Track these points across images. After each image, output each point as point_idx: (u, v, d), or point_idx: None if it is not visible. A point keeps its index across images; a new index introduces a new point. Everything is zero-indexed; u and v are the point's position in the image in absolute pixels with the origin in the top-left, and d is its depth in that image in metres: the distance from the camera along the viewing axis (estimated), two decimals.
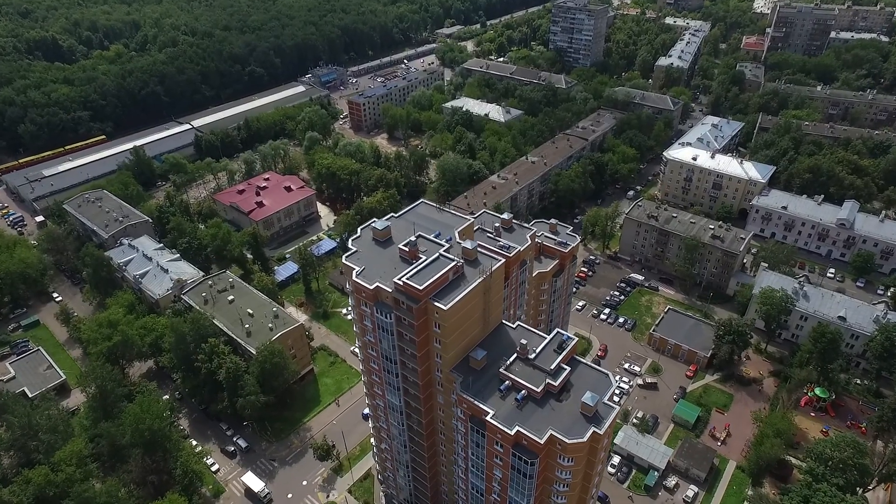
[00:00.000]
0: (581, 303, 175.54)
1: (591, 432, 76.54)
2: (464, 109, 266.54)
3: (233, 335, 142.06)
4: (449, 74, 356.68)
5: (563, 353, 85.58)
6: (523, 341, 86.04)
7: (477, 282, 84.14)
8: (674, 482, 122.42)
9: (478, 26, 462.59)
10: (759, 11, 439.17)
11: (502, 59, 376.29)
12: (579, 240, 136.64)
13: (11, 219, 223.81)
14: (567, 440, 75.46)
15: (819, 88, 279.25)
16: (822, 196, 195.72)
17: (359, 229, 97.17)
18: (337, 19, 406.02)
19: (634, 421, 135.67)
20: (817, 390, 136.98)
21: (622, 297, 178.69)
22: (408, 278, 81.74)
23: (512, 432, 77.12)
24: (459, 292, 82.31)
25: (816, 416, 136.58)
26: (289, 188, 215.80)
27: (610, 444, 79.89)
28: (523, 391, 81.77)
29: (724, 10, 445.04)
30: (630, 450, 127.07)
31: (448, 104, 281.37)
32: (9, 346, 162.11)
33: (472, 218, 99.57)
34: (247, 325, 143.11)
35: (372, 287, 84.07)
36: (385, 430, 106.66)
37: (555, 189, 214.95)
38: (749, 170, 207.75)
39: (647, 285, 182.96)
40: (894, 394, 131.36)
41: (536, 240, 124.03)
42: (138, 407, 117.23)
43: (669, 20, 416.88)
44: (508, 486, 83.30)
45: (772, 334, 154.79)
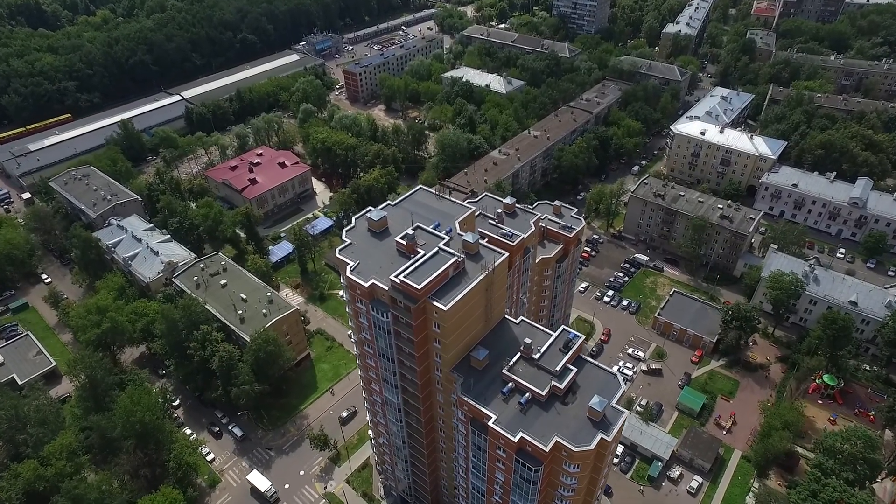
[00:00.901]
0: (584, 284, 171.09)
1: (598, 439, 72.78)
2: (464, 80, 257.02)
3: (226, 321, 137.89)
4: (448, 42, 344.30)
5: (570, 352, 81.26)
6: (527, 340, 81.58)
7: (479, 279, 79.11)
8: (678, 472, 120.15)
9: None
10: None
11: (503, 26, 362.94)
12: (584, 223, 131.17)
13: None
14: (574, 448, 71.76)
15: (832, 58, 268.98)
16: (835, 173, 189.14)
17: (353, 219, 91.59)
18: None
19: (638, 409, 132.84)
20: (825, 377, 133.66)
21: (626, 278, 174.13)
22: (405, 276, 76.69)
23: (515, 439, 73.36)
24: (460, 290, 77.38)
25: (824, 403, 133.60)
26: (283, 164, 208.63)
27: (617, 446, 76.40)
28: (527, 394, 77.75)
29: None
30: (633, 439, 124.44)
31: (447, 74, 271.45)
32: None
33: (472, 207, 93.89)
34: (240, 311, 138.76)
35: (367, 285, 79.09)
36: (383, 426, 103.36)
37: (558, 165, 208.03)
38: (759, 145, 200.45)
39: (651, 266, 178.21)
40: None
41: (540, 224, 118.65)
42: (128, 399, 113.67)
43: None
44: (511, 489, 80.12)
45: (780, 318, 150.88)
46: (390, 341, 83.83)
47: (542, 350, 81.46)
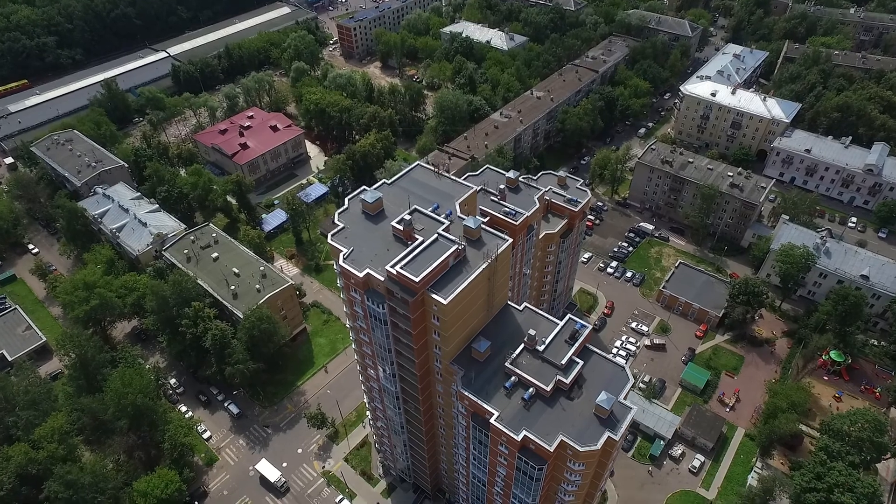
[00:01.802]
0: (587, 254, 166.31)
1: (605, 438, 69.63)
2: (463, 35, 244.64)
3: (218, 297, 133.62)
4: None
5: (576, 344, 77.21)
6: (532, 332, 77.29)
7: (481, 268, 74.13)
8: (680, 451, 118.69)
9: None
10: None
11: None
12: (589, 195, 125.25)
13: None
14: (579, 448, 68.60)
15: (852, 11, 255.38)
16: (850, 138, 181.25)
17: (346, 200, 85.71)
18: None
19: (641, 385, 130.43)
20: (832, 353, 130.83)
21: (630, 248, 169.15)
22: (402, 266, 71.64)
23: (519, 437, 70.18)
24: (461, 281, 72.53)
25: (829, 379, 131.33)
26: (275, 127, 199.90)
27: (623, 440, 73.50)
28: (531, 389, 74.14)
29: None
30: (636, 418, 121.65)
31: (447, 29, 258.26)
32: None
33: (473, 186, 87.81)
34: (233, 287, 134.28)
35: (362, 275, 74.08)
36: (380, 411, 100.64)
37: (561, 128, 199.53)
38: (772, 108, 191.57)
39: (657, 235, 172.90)
40: None
41: (544, 198, 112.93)
42: (119, 381, 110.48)
43: None
44: (513, 483, 77.66)
45: (788, 292, 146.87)
46: (387, 332, 79.60)
47: (547, 341, 77.44)
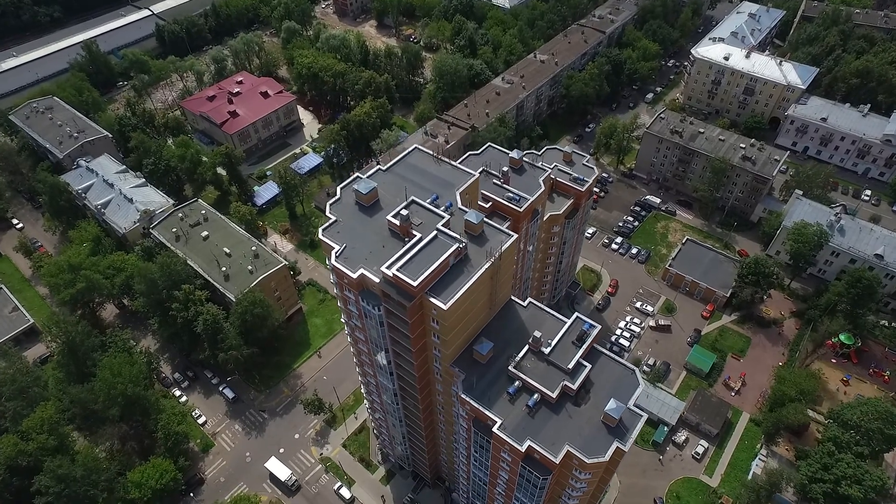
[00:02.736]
0: (591, 229, 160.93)
1: (614, 448, 66.13)
2: None
3: (209, 279, 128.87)
4: None
5: (584, 346, 72.87)
6: (537, 333, 72.78)
7: (483, 268, 68.90)
8: (684, 437, 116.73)
9: None
10: None
11: None
12: (596, 172, 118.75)
13: None
14: (587, 459, 65.16)
15: None
16: (869, 105, 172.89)
17: (338, 189, 79.64)
18: None
19: (645, 369, 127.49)
20: (842, 336, 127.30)
21: (636, 222, 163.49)
22: (399, 269, 66.34)
23: (523, 448, 66.67)
24: (462, 283, 67.43)
25: (838, 362, 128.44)
26: (266, 94, 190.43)
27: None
28: (536, 395, 70.20)
29: None
30: (639, 403, 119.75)
31: None
32: None
33: (475, 174, 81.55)
34: (224, 268, 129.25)
35: (355, 275, 68.85)
36: (378, 404, 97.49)
37: (566, 94, 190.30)
38: (788, 73, 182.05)
39: (663, 209, 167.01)
40: None
41: (550, 177, 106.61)
42: (109, 371, 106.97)
43: None
44: (515, 488, 74.90)
45: (798, 271, 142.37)
46: (383, 333, 75.14)
47: (553, 343, 73.02)
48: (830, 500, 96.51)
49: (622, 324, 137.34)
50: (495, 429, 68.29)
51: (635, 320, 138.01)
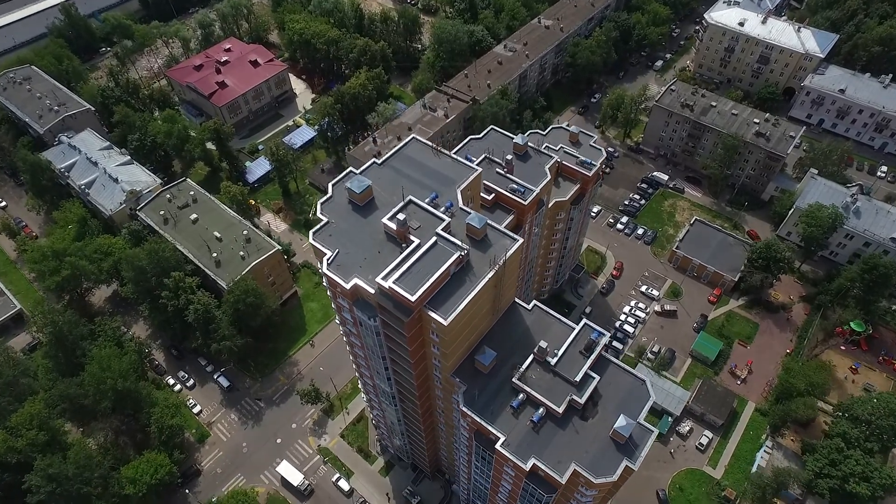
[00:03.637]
0: (596, 208, 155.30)
1: (623, 467, 63.03)
2: None
3: (200, 265, 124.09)
4: None
5: (592, 356, 69.01)
6: (543, 344, 68.64)
7: (486, 277, 64.16)
8: (688, 427, 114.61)
9: None
10: None
11: None
12: (604, 154, 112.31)
13: None
14: (594, 479, 62.12)
15: None
16: (890, 76, 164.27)
17: (330, 186, 74.00)
18: None
19: (650, 356, 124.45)
20: (852, 324, 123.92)
21: (643, 201, 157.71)
22: (395, 280, 61.54)
23: (527, 467, 63.57)
24: (463, 295, 62.83)
25: (847, 349, 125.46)
26: (255, 62, 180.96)
27: None
28: (541, 409, 66.70)
29: None
30: None
31: None
32: None
33: (477, 168, 75.70)
34: (215, 254, 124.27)
35: (349, 285, 64.09)
36: (376, 403, 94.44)
37: (571, 62, 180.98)
38: (806, 40, 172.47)
39: (671, 186, 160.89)
40: None
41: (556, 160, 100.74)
42: (97, 366, 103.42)
43: None
44: (518, 500, 72.35)
45: (809, 254, 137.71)
46: (380, 342, 71.00)
47: (560, 353, 69.06)
48: (837, 496, 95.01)
49: (627, 309, 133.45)
50: (498, 446, 65.09)
51: (640, 305, 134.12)
